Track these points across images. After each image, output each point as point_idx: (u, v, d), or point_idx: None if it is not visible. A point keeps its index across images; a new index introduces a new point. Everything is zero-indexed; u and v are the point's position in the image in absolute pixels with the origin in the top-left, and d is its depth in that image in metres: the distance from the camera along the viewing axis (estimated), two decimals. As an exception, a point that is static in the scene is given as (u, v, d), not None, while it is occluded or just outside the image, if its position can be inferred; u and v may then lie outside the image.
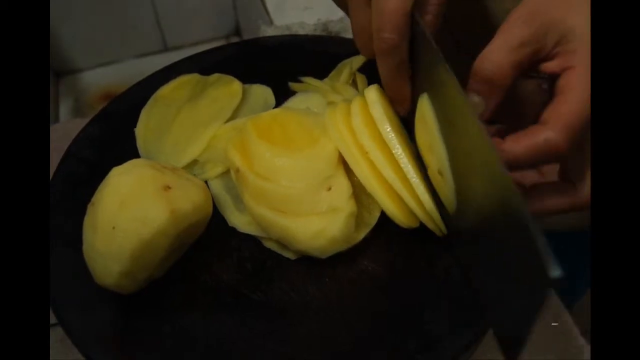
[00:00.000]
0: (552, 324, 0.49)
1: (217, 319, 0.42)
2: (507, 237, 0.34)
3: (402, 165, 0.43)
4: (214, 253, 0.45)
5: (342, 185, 0.44)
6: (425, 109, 0.42)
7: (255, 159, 0.45)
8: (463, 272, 0.43)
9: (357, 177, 0.45)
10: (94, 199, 0.41)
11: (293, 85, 0.55)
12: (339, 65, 0.56)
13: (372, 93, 0.45)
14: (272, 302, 0.43)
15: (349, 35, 0.72)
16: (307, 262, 0.44)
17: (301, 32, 0.73)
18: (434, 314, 0.42)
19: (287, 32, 0.75)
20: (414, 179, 0.43)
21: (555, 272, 0.28)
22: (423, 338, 0.40)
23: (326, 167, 0.44)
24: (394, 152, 0.43)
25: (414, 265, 0.44)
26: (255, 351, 0.41)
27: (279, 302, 0.43)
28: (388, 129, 0.44)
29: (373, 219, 0.45)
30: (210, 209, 0.44)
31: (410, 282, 0.43)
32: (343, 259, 0.44)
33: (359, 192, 0.45)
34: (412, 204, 0.43)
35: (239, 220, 0.46)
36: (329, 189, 0.43)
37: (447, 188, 0.41)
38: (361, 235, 0.45)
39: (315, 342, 0.41)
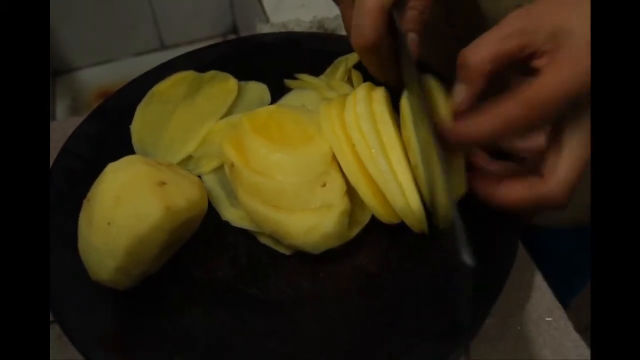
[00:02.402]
0: (547, 318, 0.49)
1: (214, 315, 0.42)
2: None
3: (379, 160, 0.43)
4: (210, 249, 0.45)
5: (336, 182, 0.44)
6: (404, 105, 0.44)
7: (250, 154, 0.45)
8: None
9: None
10: (89, 195, 0.41)
11: (289, 82, 0.55)
12: (335, 62, 0.56)
13: (380, 92, 0.46)
14: (269, 297, 0.43)
15: (344, 32, 0.72)
16: (302, 257, 0.44)
17: (297, 29, 0.74)
18: (429, 310, 0.42)
19: (283, 30, 0.75)
20: (387, 175, 0.43)
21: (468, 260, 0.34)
22: (418, 333, 0.41)
23: (321, 163, 0.44)
24: (373, 149, 0.44)
25: (408, 262, 0.44)
26: (253, 347, 0.41)
27: (275, 298, 0.43)
28: (382, 125, 0.44)
29: (366, 216, 0.46)
30: (206, 205, 0.45)
31: (404, 278, 0.44)
32: (338, 255, 0.44)
33: (352, 190, 0.45)
34: (392, 198, 0.43)
35: (232, 215, 0.47)
36: (324, 185, 0.44)
37: (421, 181, 0.43)
38: (354, 232, 0.45)
39: (311, 337, 0.41)
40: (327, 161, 0.44)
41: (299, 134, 0.46)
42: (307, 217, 0.43)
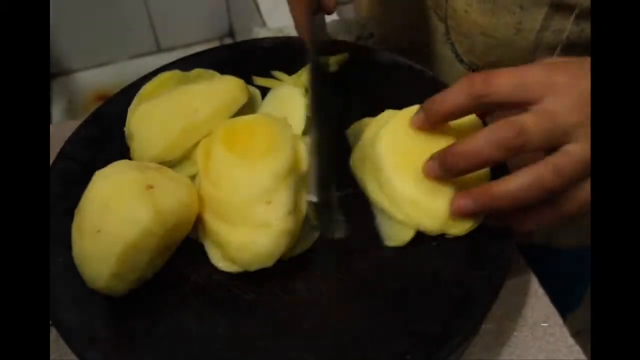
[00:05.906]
0: (542, 324, 0.49)
1: (210, 318, 0.42)
2: None
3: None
4: (205, 253, 0.45)
5: (281, 200, 0.42)
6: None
7: (211, 162, 0.45)
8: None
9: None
10: (79, 204, 0.41)
11: (257, 79, 0.55)
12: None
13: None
14: (263, 302, 0.43)
15: (340, 37, 0.72)
16: (297, 262, 0.44)
17: (293, 34, 0.73)
18: (424, 314, 0.42)
19: (279, 34, 0.75)
20: None
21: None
22: (412, 338, 0.41)
23: (271, 179, 0.43)
24: None
25: (402, 267, 0.44)
26: (247, 350, 0.41)
27: (270, 302, 0.43)
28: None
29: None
30: (197, 207, 0.44)
31: (399, 283, 0.44)
32: (333, 260, 0.45)
33: (298, 209, 0.44)
34: None
35: None
36: (269, 202, 0.42)
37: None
38: (297, 251, 0.45)
39: (306, 341, 0.41)
40: (278, 177, 0.43)
41: (264, 146, 0.45)
42: (244, 234, 0.42)
